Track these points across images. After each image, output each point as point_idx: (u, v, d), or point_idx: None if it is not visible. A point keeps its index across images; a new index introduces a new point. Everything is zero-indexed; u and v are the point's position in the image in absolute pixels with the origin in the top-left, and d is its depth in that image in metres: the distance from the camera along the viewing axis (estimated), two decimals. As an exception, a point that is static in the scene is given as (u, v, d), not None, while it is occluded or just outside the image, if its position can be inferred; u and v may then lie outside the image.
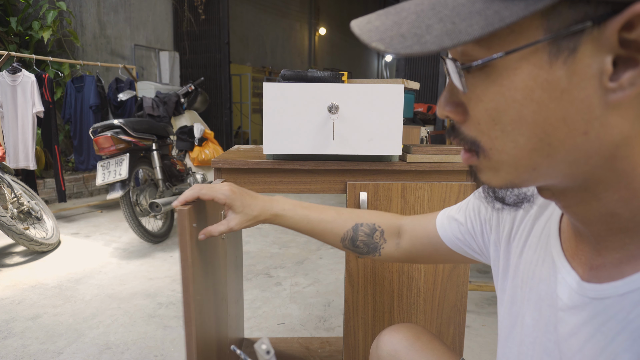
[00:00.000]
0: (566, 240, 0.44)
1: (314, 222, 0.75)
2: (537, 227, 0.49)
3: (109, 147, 2.67)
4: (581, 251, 0.42)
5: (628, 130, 0.31)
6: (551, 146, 0.33)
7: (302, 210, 0.76)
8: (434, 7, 0.32)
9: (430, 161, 1.06)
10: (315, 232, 0.76)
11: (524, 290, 0.49)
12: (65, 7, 4.20)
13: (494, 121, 0.34)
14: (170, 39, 6.16)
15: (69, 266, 2.54)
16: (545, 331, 0.44)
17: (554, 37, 0.30)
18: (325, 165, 1.05)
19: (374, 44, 0.32)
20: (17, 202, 2.68)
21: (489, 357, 1.62)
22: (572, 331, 0.40)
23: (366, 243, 0.74)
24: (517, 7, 0.29)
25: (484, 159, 0.37)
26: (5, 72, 3.19)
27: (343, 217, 0.76)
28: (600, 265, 0.39)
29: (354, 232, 0.75)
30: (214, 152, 3.81)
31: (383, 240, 0.74)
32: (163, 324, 1.86)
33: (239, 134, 7.60)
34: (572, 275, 0.41)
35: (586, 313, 0.39)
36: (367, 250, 0.75)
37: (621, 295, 0.36)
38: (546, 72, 0.31)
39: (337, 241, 0.75)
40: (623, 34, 0.28)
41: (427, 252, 0.70)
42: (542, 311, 0.45)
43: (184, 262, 0.70)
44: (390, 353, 0.73)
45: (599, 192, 0.35)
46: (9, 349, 1.66)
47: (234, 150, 1.29)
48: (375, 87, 0.97)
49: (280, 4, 9.63)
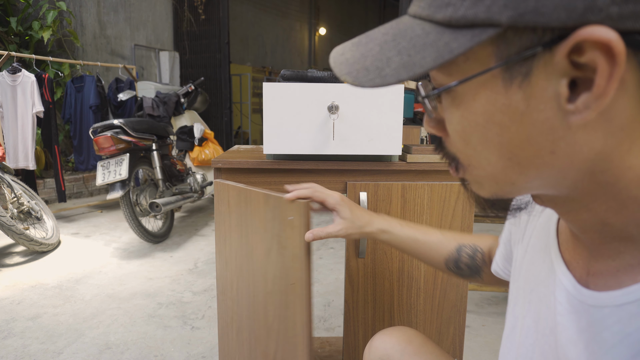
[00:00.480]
0: (564, 241, 0.44)
1: (420, 242, 0.76)
2: (540, 228, 0.50)
3: (109, 147, 2.67)
4: (579, 254, 0.42)
5: (600, 146, 0.31)
6: (521, 165, 0.34)
7: (408, 229, 0.77)
8: (395, 38, 0.34)
9: (430, 161, 1.06)
10: (419, 252, 0.76)
11: (526, 292, 0.49)
12: (65, 7, 4.20)
13: (464, 141, 0.36)
14: (170, 39, 6.16)
15: (69, 266, 2.54)
16: (544, 334, 0.44)
17: (505, 64, 0.30)
18: (325, 165, 1.05)
19: (342, 77, 0.35)
20: (17, 202, 2.68)
21: (489, 357, 1.62)
22: (571, 338, 0.40)
23: (469, 265, 0.73)
24: (464, 39, 0.30)
25: (464, 173, 0.38)
26: (5, 72, 3.19)
27: (447, 239, 0.75)
28: (598, 272, 0.39)
29: (458, 254, 0.73)
30: (214, 152, 3.81)
31: (484, 263, 0.72)
32: (163, 324, 1.86)
33: (239, 134, 7.60)
34: (568, 277, 0.41)
35: (585, 320, 0.38)
36: (469, 273, 0.73)
37: (618, 306, 0.36)
38: (503, 97, 0.32)
39: (441, 263, 0.75)
40: (574, 58, 0.29)
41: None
42: (541, 313, 0.45)
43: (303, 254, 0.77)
44: (382, 358, 0.72)
45: (587, 203, 0.36)
46: (9, 349, 1.66)
47: (234, 150, 1.29)
48: (375, 87, 0.97)
49: (280, 4, 9.63)
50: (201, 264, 2.61)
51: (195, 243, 3.02)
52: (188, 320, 1.90)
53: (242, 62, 8.29)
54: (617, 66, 0.27)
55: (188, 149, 3.78)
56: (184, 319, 1.91)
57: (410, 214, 1.06)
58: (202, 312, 1.97)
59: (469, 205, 1.06)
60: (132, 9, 5.48)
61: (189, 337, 1.75)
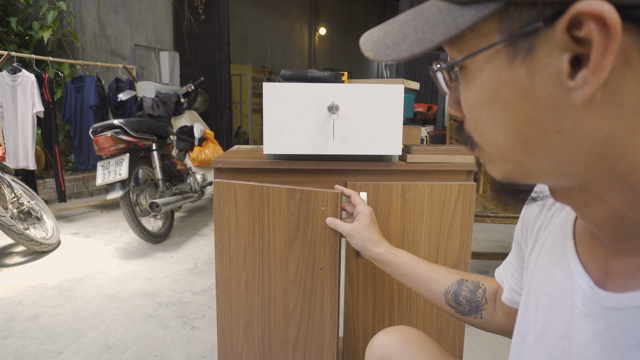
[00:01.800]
0: (581, 242, 0.43)
1: (422, 268, 0.76)
2: (554, 232, 0.49)
3: (109, 147, 2.67)
4: (597, 254, 0.40)
5: (610, 129, 0.30)
6: (527, 144, 0.33)
7: (413, 257, 0.78)
8: (414, 17, 0.36)
9: (430, 161, 1.06)
10: (420, 281, 0.75)
11: (538, 296, 0.48)
12: (65, 7, 4.20)
13: (475, 119, 0.36)
14: (170, 39, 6.16)
15: (69, 266, 2.54)
16: (553, 337, 0.43)
17: (508, 39, 0.31)
18: (325, 165, 1.05)
19: (366, 53, 0.38)
20: (17, 202, 2.68)
21: (489, 357, 1.62)
22: (587, 341, 0.38)
23: (469, 300, 0.71)
24: (469, 14, 0.31)
25: (479, 152, 0.39)
26: (5, 72, 3.19)
27: (450, 272, 0.75)
28: (616, 272, 0.38)
29: (458, 286, 0.72)
30: (214, 152, 3.81)
31: (485, 300, 0.71)
32: (163, 324, 1.86)
33: (239, 134, 7.60)
34: (585, 279, 0.40)
35: (602, 323, 0.37)
36: (469, 309, 0.71)
37: (637, 308, 0.34)
38: (507, 72, 0.32)
39: (440, 295, 0.73)
40: (574, 32, 0.29)
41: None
42: (554, 317, 0.44)
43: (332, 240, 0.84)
44: (383, 357, 0.72)
45: (601, 194, 0.34)
46: (9, 349, 1.66)
47: (234, 150, 1.29)
48: (375, 87, 0.97)
49: (280, 4, 9.62)
50: (201, 264, 2.61)
51: (195, 243, 3.02)
52: (188, 320, 1.90)
53: (242, 62, 8.28)
54: (612, 39, 0.27)
55: (188, 149, 3.77)
56: (184, 319, 1.91)
57: (410, 214, 1.06)
58: (202, 312, 1.97)
59: (469, 205, 1.06)
60: (132, 9, 5.48)
61: (189, 337, 1.76)
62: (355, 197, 0.89)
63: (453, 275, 0.74)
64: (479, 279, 0.73)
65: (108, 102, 4.16)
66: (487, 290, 0.71)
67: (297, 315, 0.95)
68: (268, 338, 0.98)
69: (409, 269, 0.77)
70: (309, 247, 0.91)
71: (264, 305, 0.98)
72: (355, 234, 0.83)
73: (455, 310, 0.73)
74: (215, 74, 6.08)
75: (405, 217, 1.06)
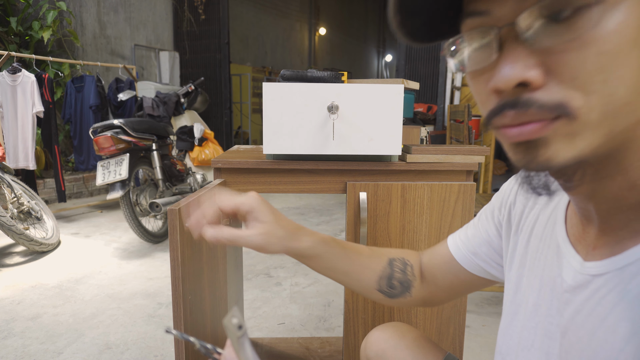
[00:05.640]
0: (572, 226, 0.44)
1: (351, 256, 0.63)
2: (543, 217, 0.50)
3: (109, 147, 2.67)
4: (587, 234, 0.42)
5: None
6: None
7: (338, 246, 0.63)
8: None
9: (430, 161, 1.06)
10: (351, 269, 0.63)
11: (529, 279, 0.49)
12: (65, 7, 4.20)
13: (600, 69, 0.29)
14: (170, 39, 6.16)
15: (69, 266, 2.54)
16: (547, 315, 0.44)
17: None
18: (325, 165, 1.05)
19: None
20: (17, 202, 2.68)
21: (488, 357, 1.62)
22: (577, 308, 0.40)
23: (401, 281, 0.66)
24: None
25: (564, 124, 0.31)
26: (5, 72, 3.19)
27: (375, 252, 0.67)
28: (604, 244, 0.39)
29: (390, 268, 0.66)
30: (214, 152, 3.81)
31: (414, 277, 0.67)
32: (163, 324, 1.86)
33: (239, 134, 7.60)
34: (575, 258, 0.42)
35: (588, 290, 0.39)
36: (400, 291, 0.66)
37: (620, 269, 0.36)
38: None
39: (373, 281, 0.64)
40: None
41: (448, 280, 0.65)
42: (545, 295, 0.45)
43: (173, 262, 0.70)
44: (377, 353, 0.73)
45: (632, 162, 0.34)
46: (9, 349, 1.66)
47: (234, 150, 1.29)
48: (375, 87, 0.97)
49: (280, 4, 9.63)
50: (201, 264, 2.61)
51: (195, 243, 3.02)
52: (188, 320, 1.90)
53: (242, 62, 8.29)
54: None
55: (188, 149, 3.78)
56: (184, 319, 1.90)
57: (410, 214, 1.06)
58: (202, 312, 1.97)
59: (469, 205, 1.06)
60: (132, 9, 5.48)
61: (189, 337, 1.75)
62: (224, 203, 0.55)
63: (381, 256, 0.66)
64: (402, 255, 0.68)
65: (108, 102, 4.16)
66: (414, 266, 0.68)
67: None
68: None
69: (340, 260, 0.62)
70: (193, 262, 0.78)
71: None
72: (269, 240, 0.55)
73: (385, 296, 0.65)
74: (215, 74, 6.08)
75: (405, 217, 1.06)
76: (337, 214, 3.91)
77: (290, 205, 4.25)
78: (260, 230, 0.55)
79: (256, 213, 0.55)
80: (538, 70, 0.31)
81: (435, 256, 0.68)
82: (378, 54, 15.65)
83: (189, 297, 0.75)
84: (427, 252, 0.70)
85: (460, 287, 0.66)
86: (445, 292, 0.67)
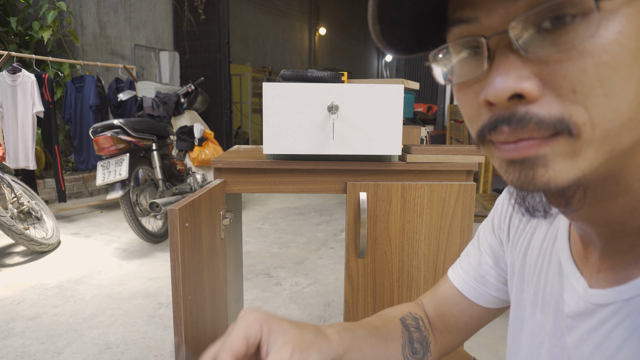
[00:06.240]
0: (576, 244, 0.42)
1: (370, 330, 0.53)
2: (541, 229, 0.48)
3: (109, 147, 2.67)
4: (590, 254, 0.40)
5: None
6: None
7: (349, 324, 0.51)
8: None
9: (430, 161, 1.06)
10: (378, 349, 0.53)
11: (529, 293, 0.47)
12: (65, 7, 4.20)
13: (600, 82, 0.27)
14: (170, 39, 6.16)
15: (69, 266, 2.54)
16: (552, 336, 0.43)
17: None
18: (325, 165, 1.05)
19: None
20: (17, 202, 2.68)
21: (489, 357, 1.62)
22: (582, 338, 0.38)
23: (420, 341, 0.57)
24: None
25: (567, 141, 0.28)
26: (5, 72, 3.19)
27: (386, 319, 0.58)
28: (608, 268, 0.37)
29: (407, 331, 0.57)
30: (214, 152, 3.81)
31: (427, 332, 0.59)
32: (163, 324, 1.86)
33: (239, 134, 7.60)
34: (580, 281, 0.39)
35: (594, 320, 0.37)
36: (422, 354, 0.57)
37: (627, 300, 0.34)
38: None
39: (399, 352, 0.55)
40: None
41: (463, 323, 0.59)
42: (549, 316, 0.43)
43: (173, 262, 0.70)
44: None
45: (632, 183, 0.32)
46: (9, 349, 1.66)
47: (234, 150, 1.29)
48: (375, 87, 0.97)
49: (280, 4, 9.63)
50: (201, 264, 2.61)
51: (195, 243, 3.02)
52: (188, 320, 1.90)
53: (242, 62, 8.29)
54: None
55: (188, 149, 3.78)
56: (184, 319, 1.91)
57: (410, 214, 1.06)
58: (202, 312, 1.97)
59: (469, 205, 1.06)
60: (132, 9, 5.48)
61: (189, 337, 1.76)
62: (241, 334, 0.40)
63: (392, 320, 0.57)
64: (409, 309, 0.60)
65: (108, 102, 4.16)
66: (423, 318, 0.60)
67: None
68: None
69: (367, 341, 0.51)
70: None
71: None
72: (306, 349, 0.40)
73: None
74: (215, 74, 6.08)
75: (405, 217, 1.06)
76: (337, 214, 3.91)
77: (290, 205, 4.25)
78: (291, 346, 0.39)
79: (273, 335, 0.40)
80: (533, 82, 0.28)
81: (439, 299, 0.61)
82: (378, 54, 15.66)
83: (189, 297, 0.75)
84: (427, 298, 0.62)
85: (475, 326, 0.59)
86: (460, 336, 0.60)
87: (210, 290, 0.92)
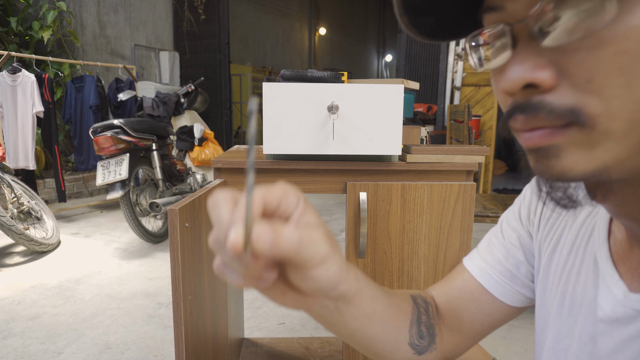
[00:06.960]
0: (616, 242, 0.39)
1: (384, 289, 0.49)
2: (574, 226, 0.44)
3: (109, 147, 2.67)
4: (634, 254, 0.36)
5: None
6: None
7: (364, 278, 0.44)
8: None
9: (430, 161, 1.06)
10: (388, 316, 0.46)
11: (556, 294, 0.44)
12: (65, 7, 4.20)
13: (620, 71, 0.26)
14: (170, 39, 6.16)
15: (69, 266, 2.54)
16: (579, 341, 0.40)
17: None
18: (325, 165, 1.05)
19: None
20: (17, 202, 2.68)
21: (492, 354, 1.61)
22: (618, 347, 0.35)
23: (427, 326, 0.50)
24: None
25: (580, 132, 0.28)
26: (5, 72, 3.19)
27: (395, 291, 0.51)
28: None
29: (417, 308, 0.51)
30: (214, 152, 3.81)
31: (435, 321, 0.52)
32: (163, 324, 1.86)
33: (239, 134, 7.61)
34: (619, 285, 0.36)
35: (633, 328, 0.34)
36: (428, 342, 0.50)
37: None
38: None
39: (406, 329, 0.48)
40: None
41: (478, 323, 0.52)
42: (577, 319, 0.41)
43: (173, 262, 0.70)
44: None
45: None
46: (9, 349, 1.66)
47: (234, 150, 1.29)
48: (375, 87, 0.97)
49: (280, 4, 9.63)
50: (201, 264, 2.61)
51: (195, 243, 3.02)
52: (188, 320, 1.90)
53: (242, 62, 8.29)
54: None
55: (188, 149, 3.78)
56: (184, 319, 1.91)
57: (410, 214, 1.06)
58: (202, 312, 1.97)
59: (469, 205, 1.06)
60: (132, 9, 5.48)
61: (189, 337, 1.76)
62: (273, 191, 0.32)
63: (403, 292, 0.52)
64: (419, 291, 0.54)
65: (108, 102, 4.16)
66: (433, 305, 0.54)
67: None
68: None
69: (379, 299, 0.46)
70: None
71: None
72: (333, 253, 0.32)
73: (414, 352, 0.49)
74: (215, 74, 6.08)
75: (405, 217, 1.06)
76: (337, 214, 3.91)
77: (290, 205, 4.24)
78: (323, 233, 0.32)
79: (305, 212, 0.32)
80: (548, 71, 0.28)
81: (455, 292, 0.54)
82: (378, 54, 15.66)
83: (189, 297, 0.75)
84: (439, 290, 0.56)
85: (489, 328, 0.53)
86: (469, 339, 0.53)
87: (210, 290, 0.92)
